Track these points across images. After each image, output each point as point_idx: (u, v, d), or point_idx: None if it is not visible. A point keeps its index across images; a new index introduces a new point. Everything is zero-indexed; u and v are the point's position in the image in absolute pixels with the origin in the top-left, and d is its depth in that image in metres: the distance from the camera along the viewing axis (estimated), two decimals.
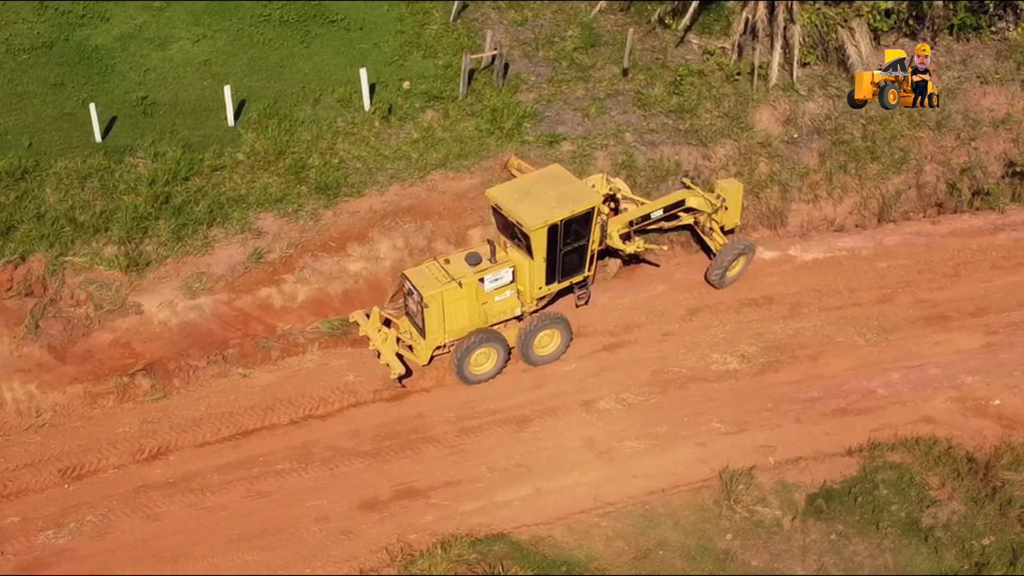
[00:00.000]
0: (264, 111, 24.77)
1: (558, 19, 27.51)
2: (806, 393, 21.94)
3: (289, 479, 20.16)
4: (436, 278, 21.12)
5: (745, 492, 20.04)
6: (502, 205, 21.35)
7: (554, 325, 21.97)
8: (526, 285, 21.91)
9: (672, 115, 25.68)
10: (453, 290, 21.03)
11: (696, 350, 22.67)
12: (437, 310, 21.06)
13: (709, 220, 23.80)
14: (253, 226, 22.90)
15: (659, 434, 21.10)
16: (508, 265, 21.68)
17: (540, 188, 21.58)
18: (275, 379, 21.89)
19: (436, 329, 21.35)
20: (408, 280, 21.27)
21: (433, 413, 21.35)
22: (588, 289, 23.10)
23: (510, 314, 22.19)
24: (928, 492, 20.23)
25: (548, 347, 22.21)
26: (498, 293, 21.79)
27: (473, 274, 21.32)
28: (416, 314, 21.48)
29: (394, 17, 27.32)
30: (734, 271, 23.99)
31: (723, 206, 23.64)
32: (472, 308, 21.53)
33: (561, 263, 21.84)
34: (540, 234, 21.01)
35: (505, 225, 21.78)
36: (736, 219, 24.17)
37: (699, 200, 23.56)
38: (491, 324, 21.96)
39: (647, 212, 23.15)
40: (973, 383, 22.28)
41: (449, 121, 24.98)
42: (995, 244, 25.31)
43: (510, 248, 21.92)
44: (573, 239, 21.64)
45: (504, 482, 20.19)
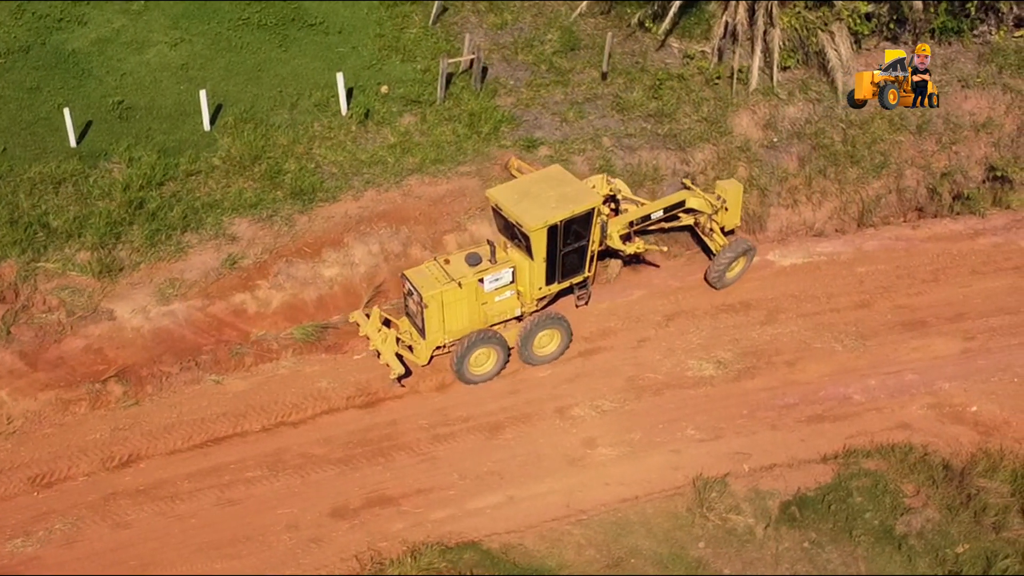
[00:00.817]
0: (240, 115, 24.68)
1: (538, 23, 27.42)
2: (782, 400, 21.82)
3: (259, 487, 20.05)
4: (436, 278, 21.09)
5: (718, 500, 19.92)
6: (502, 205, 21.33)
7: (554, 325, 21.93)
8: (526, 285, 21.90)
9: (651, 119, 25.57)
10: (453, 290, 21.01)
11: (672, 356, 22.55)
12: (437, 310, 21.03)
13: (709, 221, 23.78)
14: (227, 232, 22.79)
15: (633, 441, 20.98)
16: (508, 265, 21.66)
17: (540, 188, 21.55)
18: (248, 386, 21.78)
19: (436, 329, 21.34)
20: (408, 280, 21.24)
21: (406, 420, 21.24)
22: (588, 289, 23.10)
23: (510, 314, 22.16)
24: (902, 500, 20.09)
25: (548, 347, 22.18)
26: (498, 293, 21.77)
27: (473, 274, 21.30)
28: (416, 314, 21.46)
29: (373, 21, 27.24)
30: (734, 272, 23.94)
31: (723, 207, 23.62)
32: (472, 308, 21.51)
33: (561, 264, 21.83)
34: (540, 235, 20.99)
35: (505, 225, 21.76)
36: (736, 219, 24.17)
37: (699, 201, 23.56)
38: (491, 324, 21.94)
39: (647, 213, 23.14)
40: (950, 389, 22.17)
41: (426, 126, 24.88)
42: (975, 249, 25.19)
43: (510, 248, 21.91)
44: (573, 240, 21.63)
45: (476, 490, 20.08)
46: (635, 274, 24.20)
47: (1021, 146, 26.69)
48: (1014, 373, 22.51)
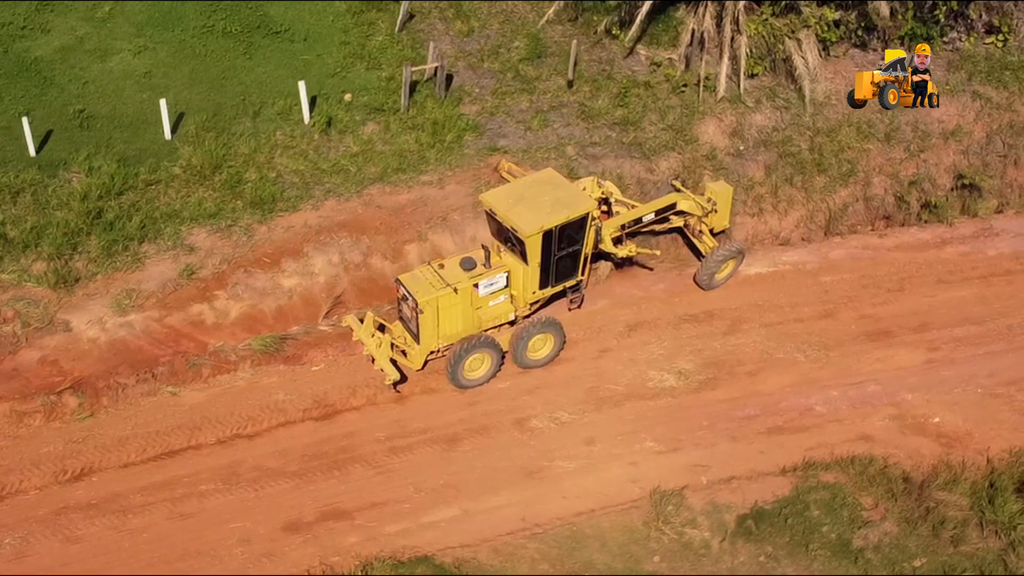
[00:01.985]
0: (202, 124, 24.52)
1: (505, 30, 27.27)
2: (742, 411, 21.68)
3: (213, 500, 19.87)
4: (431, 283, 21.01)
5: (675, 513, 19.78)
6: (497, 210, 21.26)
7: (547, 330, 21.87)
8: (520, 290, 21.86)
9: (616, 127, 25.42)
10: (448, 296, 20.96)
11: (633, 367, 22.40)
12: (432, 316, 20.99)
13: (699, 223, 23.73)
14: (186, 242, 22.62)
15: (591, 453, 20.83)
16: (503, 270, 21.62)
17: (534, 193, 21.45)
18: (205, 397, 21.60)
19: (430, 334, 21.29)
20: (403, 285, 21.16)
21: (363, 432, 21.07)
22: (581, 292, 23.02)
23: (504, 319, 22.12)
24: (861, 513, 19.96)
25: (541, 351, 22.14)
26: (492, 298, 21.74)
27: (468, 279, 21.23)
28: (410, 319, 21.38)
29: (339, 28, 27.07)
30: (723, 273, 23.90)
31: (713, 209, 23.57)
32: (467, 313, 21.46)
33: (555, 268, 21.79)
34: (535, 240, 20.95)
35: (499, 230, 21.69)
36: (725, 221, 24.16)
37: (690, 203, 23.53)
38: (485, 329, 21.88)
39: (639, 215, 23.08)
40: (913, 400, 22.04)
41: (389, 134, 24.73)
42: (941, 258, 25.05)
43: (504, 253, 21.85)
44: (567, 244, 21.59)
45: (431, 503, 19.92)
46: (597, 284, 24.01)
47: (990, 154, 26.55)
48: (978, 384, 22.39)
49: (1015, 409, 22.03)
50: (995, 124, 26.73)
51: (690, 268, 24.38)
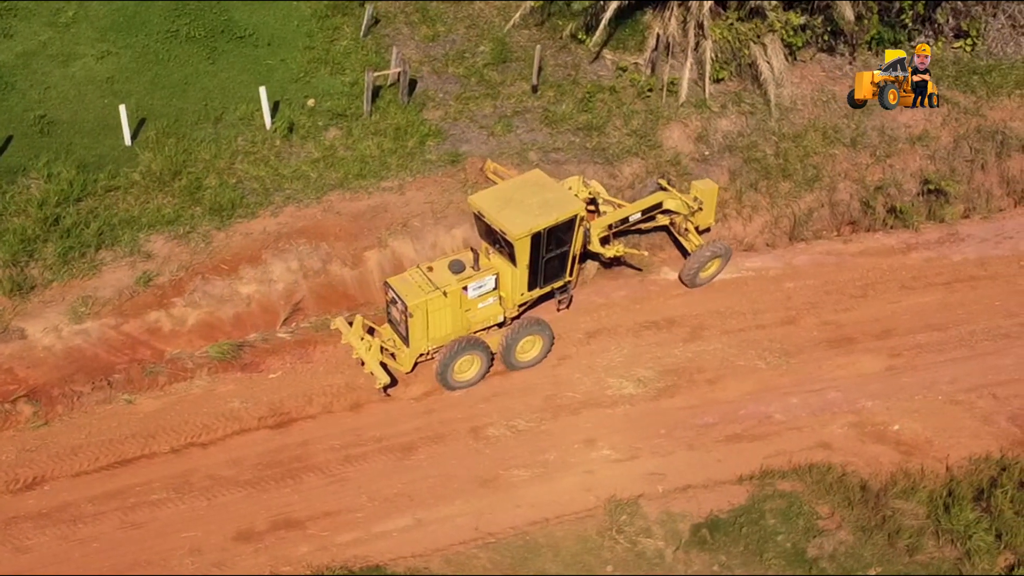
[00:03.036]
0: (163, 130, 24.41)
1: (471, 34, 27.15)
2: (701, 419, 21.56)
3: (164, 509, 19.75)
4: (420, 287, 21.02)
5: (629, 522, 19.68)
6: (485, 213, 21.26)
7: (536, 331, 21.89)
8: (508, 291, 21.89)
9: (580, 133, 25.30)
10: (437, 299, 20.97)
11: (592, 374, 22.28)
12: (421, 319, 20.99)
13: (685, 221, 23.78)
14: (143, 248, 22.50)
15: (547, 461, 20.71)
16: (491, 272, 21.63)
17: (522, 195, 21.45)
18: (160, 405, 21.48)
19: (420, 337, 21.30)
20: (392, 289, 21.14)
21: (318, 441, 20.96)
22: (570, 293, 23.05)
23: (493, 321, 22.13)
24: (816, 521, 19.85)
25: (530, 352, 22.15)
26: (481, 300, 21.76)
27: (457, 282, 21.24)
28: (400, 323, 21.38)
29: (303, 33, 26.94)
30: (708, 272, 23.92)
31: (699, 207, 23.61)
32: (456, 316, 21.49)
33: (544, 269, 21.83)
34: (524, 242, 20.97)
35: (487, 231, 21.68)
36: (710, 219, 24.23)
37: (676, 202, 23.59)
38: (474, 331, 21.88)
39: (626, 215, 23.11)
40: (873, 407, 21.93)
41: (352, 140, 24.61)
42: (906, 264, 24.94)
43: (492, 255, 21.87)
44: (556, 245, 21.63)
45: (384, 512, 19.80)
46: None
47: (957, 159, 26.43)
48: (939, 391, 22.28)
49: (976, 416, 21.92)
50: (962, 129, 26.61)
51: (652, 275, 24.31)
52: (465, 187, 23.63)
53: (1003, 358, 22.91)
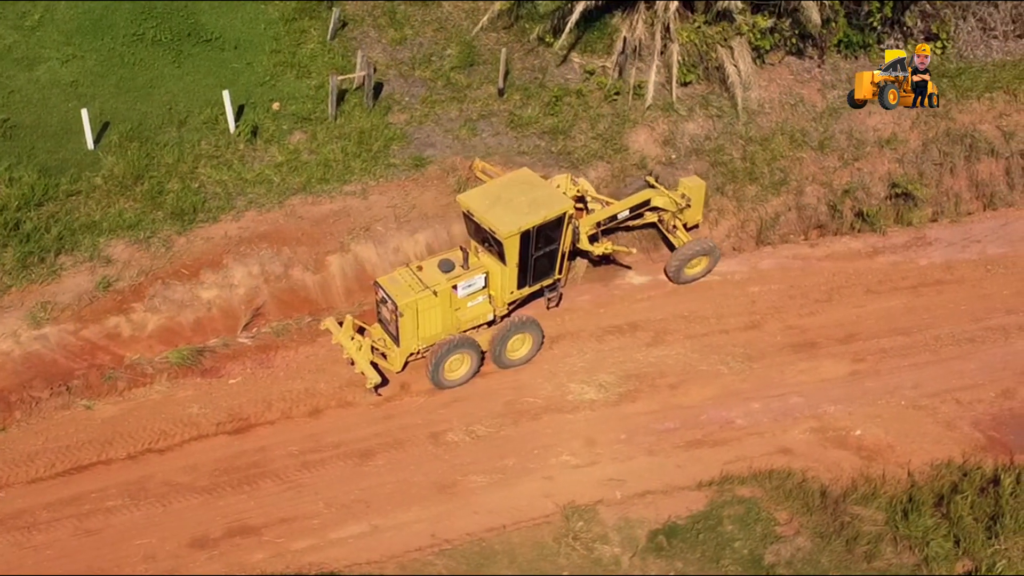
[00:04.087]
0: (127, 134, 24.30)
1: (439, 38, 27.03)
2: (662, 424, 21.48)
3: (120, 516, 19.65)
4: (410, 286, 21.08)
5: (586, 528, 19.59)
6: (474, 211, 21.34)
7: (526, 329, 21.93)
8: (498, 290, 21.95)
9: (545, 136, 25.23)
10: (428, 298, 21.01)
11: (553, 379, 22.20)
12: (411, 318, 21.04)
13: (673, 218, 23.85)
14: (103, 253, 22.39)
15: (506, 467, 20.63)
16: (481, 271, 21.68)
17: (511, 194, 21.52)
18: (118, 411, 21.39)
19: (410, 336, 21.34)
20: (382, 288, 21.18)
21: (276, 447, 20.86)
22: (559, 291, 23.08)
23: (483, 319, 22.16)
24: (774, 528, 19.77)
25: (520, 351, 22.16)
26: (471, 299, 21.81)
27: (447, 281, 21.28)
28: (390, 322, 21.42)
29: (270, 36, 26.82)
30: (694, 270, 23.97)
31: (687, 204, 23.66)
32: (446, 315, 21.52)
33: (533, 267, 21.90)
34: (513, 241, 21.04)
35: (476, 230, 21.73)
36: (698, 216, 24.35)
37: (664, 199, 23.67)
38: (464, 330, 21.92)
39: (614, 212, 23.19)
40: (835, 413, 21.86)
41: (316, 144, 24.51)
42: (872, 268, 24.85)
43: (481, 253, 21.92)
44: (545, 244, 21.72)
45: (341, 519, 19.71)
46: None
47: (926, 162, 26.33)
48: (902, 396, 22.21)
49: (938, 421, 21.86)
50: (931, 132, 26.51)
51: (617, 279, 24.21)
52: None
53: (967, 363, 22.83)
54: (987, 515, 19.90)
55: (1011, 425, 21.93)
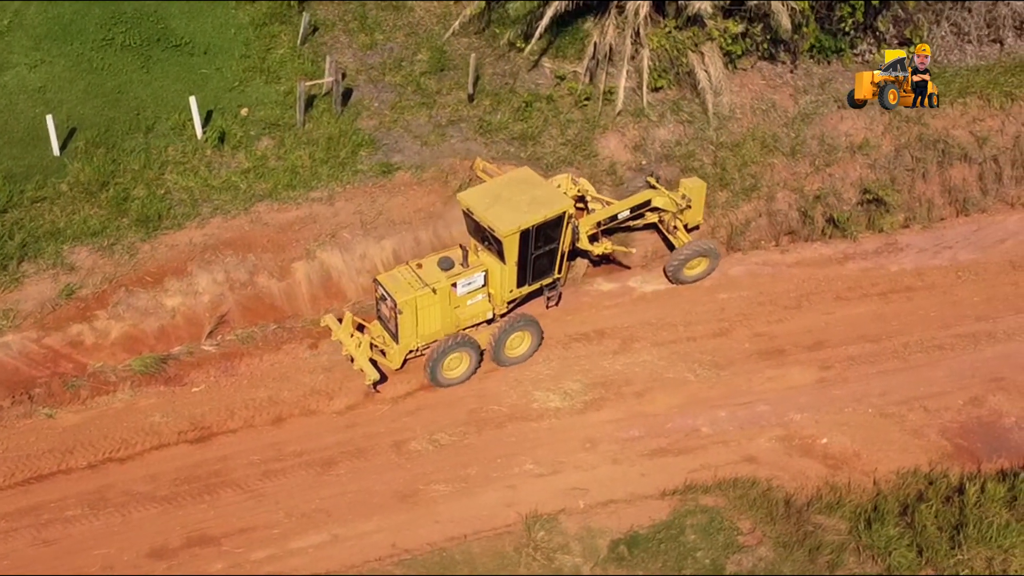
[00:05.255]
0: (93, 140, 24.16)
1: (409, 43, 26.88)
2: (627, 432, 21.38)
3: (78, 526, 19.55)
4: (409, 283, 21.13)
5: (547, 538, 19.47)
6: (474, 210, 21.37)
7: (525, 327, 21.96)
8: (497, 288, 21.94)
9: (515, 142, 25.11)
10: (427, 296, 21.05)
11: (519, 387, 22.09)
12: (411, 315, 21.06)
13: (673, 219, 23.87)
14: (67, 261, 22.28)
15: (468, 476, 20.52)
16: (480, 269, 21.70)
17: (511, 192, 21.55)
18: (81, 419, 21.27)
19: (409, 334, 21.35)
20: (381, 285, 21.22)
21: (237, 456, 20.75)
22: (558, 290, 23.12)
23: (482, 318, 22.19)
24: (737, 537, 19.65)
25: (519, 348, 22.21)
26: (470, 297, 21.85)
27: (446, 279, 21.31)
28: (389, 319, 21.44)
29: (240, 41, 26.67)
30: (694, 271, 23.96)
31: (687, 205, 23.67)
32: (445, 312, 21.55)
33: (532, 266, 21.91)
34: (513, 240, 21.06)
35: (476, 228, 21.73)
36: (699, 217, 24.41)
37: (665, 200, 23.71)
38: (463, 328, 21.94)
39: (614, 212, 23.22)
40: (801, 421, 21.76)
41: (283, 150, 24.39)
42: (842, 274, 24.74)
43: (481, 252, 21.93)
44: (544, 243, 21.74)
45: (301, 528, 19.61)
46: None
47: (898, 168, 26.20)
48: (869, 404, 22.12)
49: (905, 430, 21.76)
50: (904, 137, 26.38)
51: (585, 285, 24.13)
52: (393, 197, 23.46)
53: (935, 370, 22.73)
54: (951, 525, 19.78)
55: (979, 433, 21.84)
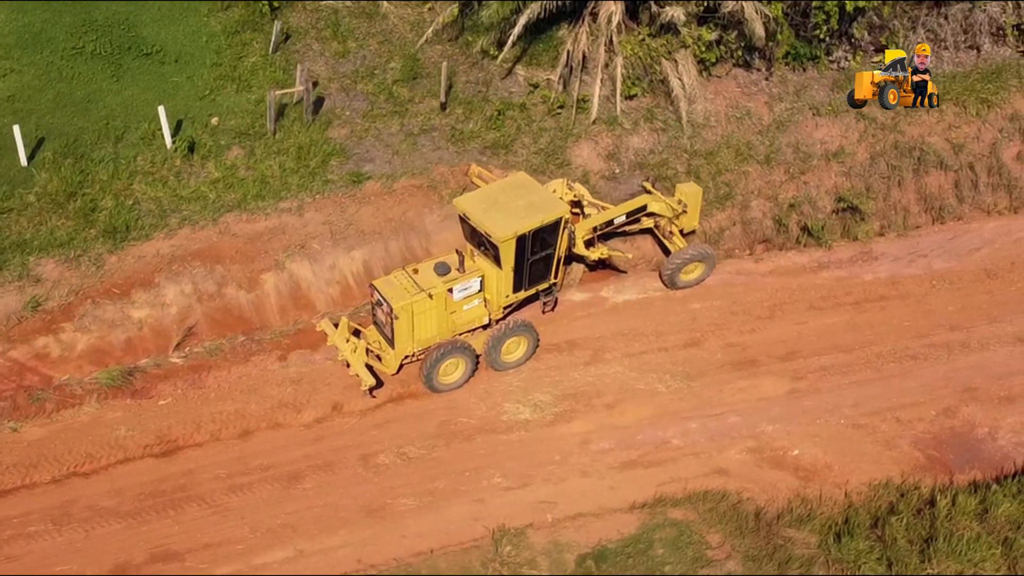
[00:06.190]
0: (62, 150, 23.98)
1: (382, 50, 26.73)
2: (597, 444, 21.23)
3: (41, 542, 19.34)
4: (405, 289, 21.06)
5: (514, 553, 19.29)
6: (470, 215, 21.34)
7: (520, 332, 21.88)
8: (493, 293, 21.90)
9: (487, 151, 24.96)
10: (423, 301, 20.97)
11: (488, 399, 21.93)
12: (407, 321, 20.98)
13: (669, 224, 23.83)
14: (32, 273, 22.10)
15: (436, 490, 20.35)
16: (476, 274, 21.65)
17: (508, 197, 21.52)
18: (46, 433, 21.07)
19: (405, 339, 21.28)
20: (377, 291, 21.13)
21: (203, 469, 20.56)
22: (555, 295, 23.03)
23: (478, 323, 22.14)
24: (705, 551, 19.48)
25: (515, 354, 22.16)
26: (466, 302, 21.80)
27: (442, 284, 21.23)
28: (385, 324, 21.35)
29: (212, 49, 26.50)
30: (690, 276, 23.87)
31: (683, 210, 23.62)
32: (441, 318, 21.50)
33: (529, 271, 21.87)
34: (509, 245, 21.00)
35: (472, 234, 21.70)
36: (694, 222, 24.34)
37: (661, 205, 23.69)
38: (459, 333, 21.86)
39: (610, 218, 23.21)
40: (773, 432, 21.61)
41: (254, 160, 24.22)
42: (815, 283, 24.60)
43: (477, 257, 21.89)
44: (541, 248, 21.71)
45: (266, 543, 19.42)
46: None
47: (873, 175, 26.09)
48: (841, 415, 21.98)
49: (877, 441, 21.63)
50: (879, 145, 26.28)
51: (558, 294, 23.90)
52: (363, 206, 23.30)
53: (908, 380, 22.60)
54: (921, 538, 19.66)
55: (951, 444, 21.72)
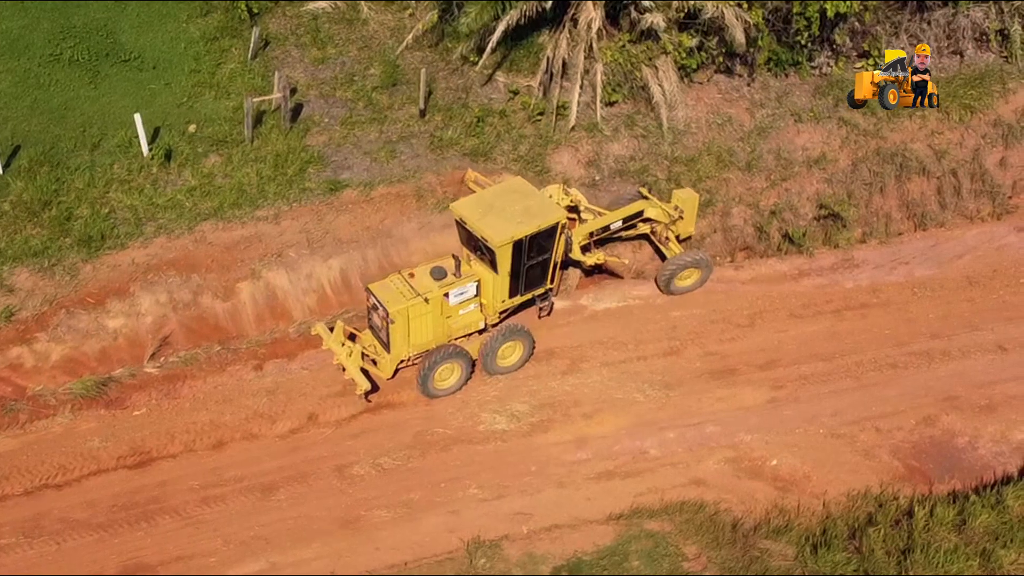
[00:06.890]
0: (37, 157, 23.83)
1: (362, 57, 26.59)
2: (574, 455, 21.08)
3: (12, 555, 19.18)
4: (401, 293, 20.97)
5: (489, 565, 19.14)
6: (467, 220, 21.29)
7: (516, 337, 21.85)
8: (489, 298, 21.86)
9: (466, 158, 24.81)
10: (419, 305, 20.89)
11: (465, 409, 21.79)
12: (402, 325, 20.91)
13: (666, 230, 23.79)
14: (6, 282, 21.95)
15: (411, 501, 20.20)
16: (472, 279, 21.56)
17: (504, 202, 21.48)
18: (18, 444, 20.91)
19: (401, 343, 21.21)
20: (373, 295, 21.03)
21: (177, 481, 20.41)
22: (550, 300, 22.95)
23: (474, 328, 22.06)
24: (681, 563, 19.33)
25: (510, 358, 22.12)
26: (462, 307, 21.71)
27: (439, 289, 21.14)
28: (380, 328, 21.26)
29: (190, 56, 26.35)
30: (685, 282, 23.77)
31: (679, 216, 23.53)
32: (437, 322, 21.42)
33: (525, 276, 21.82)
34: (506, 250, 21.00)
35: (468, 238, 21.63)
36: (691, 228, 24.29)
37: (657, 211, 23.63)
38: (455, 338, 21.79)
39: (607, 223, 23.17)
40: (751, 442, 21.47)
41: (231, 167, 24.07)
42: (796, 291, 24.47)
43: (473, 261, 21.82)
44: (537, 253, 21.69)
45: (238, 556, 19.27)
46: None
47: (855, 182, 25.96)
48: (820, 424, 21.84)
49: (857, 450, 21.50)
50: (861, 151, 26.17)
51: None
52: (340, 214, 23.15)
53: (888, 389, 22.48)
54: (899, 549, 19.52)
55: (931, 454, 21.61)
